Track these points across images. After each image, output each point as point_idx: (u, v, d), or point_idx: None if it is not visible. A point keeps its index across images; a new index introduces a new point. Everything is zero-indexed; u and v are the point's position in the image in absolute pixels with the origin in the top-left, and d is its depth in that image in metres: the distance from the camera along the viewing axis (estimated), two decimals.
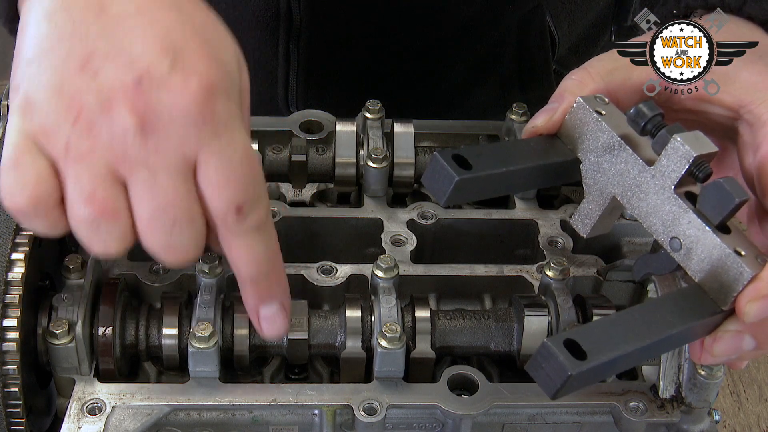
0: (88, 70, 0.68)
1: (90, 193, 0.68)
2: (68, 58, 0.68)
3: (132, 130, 0.67)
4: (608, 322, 0.72)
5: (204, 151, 0.69)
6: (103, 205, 0.69)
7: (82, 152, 0.68)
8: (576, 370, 0.65)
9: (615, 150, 0.78)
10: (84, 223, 0.69)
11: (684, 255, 0.76)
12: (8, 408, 0.80)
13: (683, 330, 0.72)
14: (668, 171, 0.75)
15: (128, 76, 0.68)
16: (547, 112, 0.83)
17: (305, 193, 1.08)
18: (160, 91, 0.68)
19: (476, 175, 0.75)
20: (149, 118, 0.68)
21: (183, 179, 0.69)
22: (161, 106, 0.68)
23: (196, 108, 0.68)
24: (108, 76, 0.68)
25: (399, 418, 0.84)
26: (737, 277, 0.72)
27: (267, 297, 0.77)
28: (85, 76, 0.68)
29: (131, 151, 0.68)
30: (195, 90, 0.68)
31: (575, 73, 0.85)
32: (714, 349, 0.75)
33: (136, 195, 0.69)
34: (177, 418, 0.83)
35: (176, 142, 0.68)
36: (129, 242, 0.71)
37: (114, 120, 0.67)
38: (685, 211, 0.75)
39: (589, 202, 0.81)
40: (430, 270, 0.94)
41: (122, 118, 0.67)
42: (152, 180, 0.69)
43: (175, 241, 0.71)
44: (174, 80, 0.68)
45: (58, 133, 0.68)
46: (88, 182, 0.68)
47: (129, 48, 0.68)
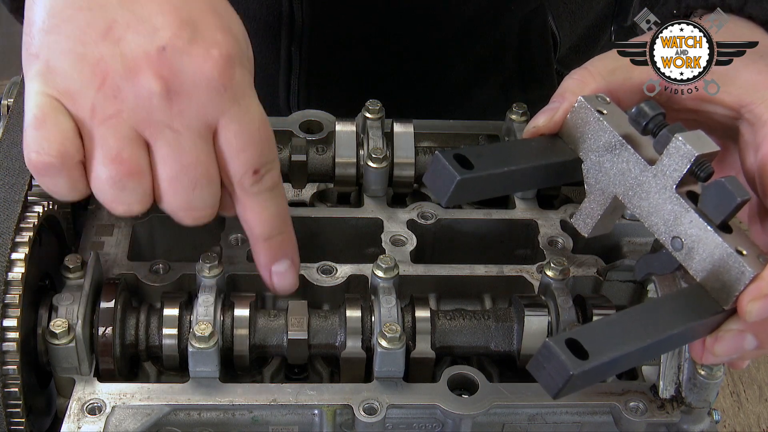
0: (110, 38, 0.71)
1: (117, 153, 0.71)
2: (89, 27, 0.71)
3: (157, 94, 0.71)
4: (610, 322, 0.72)
5: (225, 116, 0.73)
6: (130, 165, 0.72)
7: (109, 114, 0.71)
8: (578, 369, 0.65)
9: (616, 149, 0.78)
10: (109, 182, 0.72)
11: (685, 254, 0.76)
12: (8, 408, 0.80)
13: (685, 330, 0.72)
14: (670, 170, 0.75)
15: (151, 44, 0.71)
16: (548, 111, 0.83)
17: (305, 193, 1.07)
18: (183, 59, 0.71)
19: (478, 174, 0.75)
20: (173, 83, 0.71)
21: (204, 141, 0.73)
22: (185, 73, 0.71)
23: (218, 75, 0.72)
24: (131, 45, 0.71)
25: (399, 418, 0.84)
26: (739, 276, 0.72)
27: (279, 254, 0.83)
28: (108, 43, 0.71)
29: (156, 113, 0.71)
30: (216, 59, 0.72)
31: (576, 73, 0.85)
32: (715, 348, 0.75)
33: (160, 156, 0.73)
34: (177, 418, 0.83)
35: (199, 107, 0.72)
36: (148, 202, 0.74)
37: (140, 85, 0.71)
38: (687, 211, 0.75)
39: (591, 202, 0.81)
40: (430, 270, 0.94)
41: (148, 83, 0.71)
42: (176, 141, 0.72)
43: (195, 200, 0.75)
44: (196, 50, 0.72)
45: (83, 97, 0.71)
46: (115, 143, 0.71)
47: (149, 19, 0.71)
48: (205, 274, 0.87)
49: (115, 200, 0.74)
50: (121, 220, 0.96)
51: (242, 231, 0.95)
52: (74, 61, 0.71)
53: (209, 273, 0.87)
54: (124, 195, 0.73)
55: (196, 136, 0.73)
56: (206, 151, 0.74)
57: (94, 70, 0.71)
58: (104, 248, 0.93)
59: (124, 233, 0.95)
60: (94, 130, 0.71)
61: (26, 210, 0.83)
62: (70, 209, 0.95)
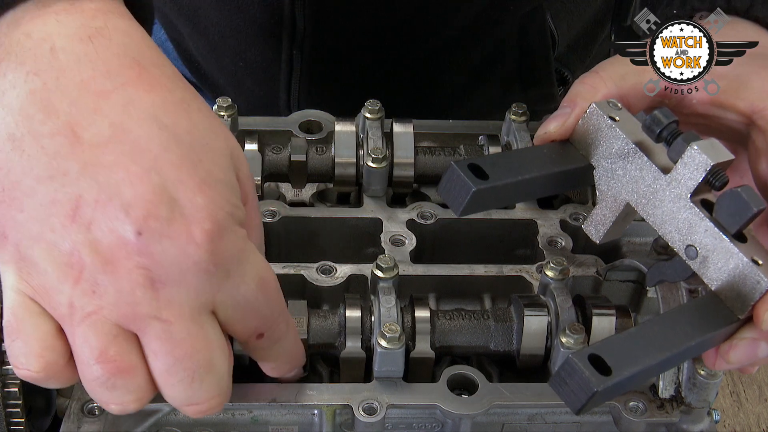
0: (79, 221, 0.63)
1: (101, 352, 0.65)
2: (55, 205, 0.63)
3: (140, 286, 0.64)
4: (629, 336, 0.71)
5: (219, 293, 0.67)
6: (117, 363, 0.65)
7: (88, 312, 0.64)
8: (602, 386, 0.65)
9: (629, 157, 0.78)
10: (97, 382, 0.66)
11: (700, 263, 0.75)
12: (8, 408, 0.80)
13: (702, 340, 0.72)
14: (684, 179, 0.75)
15: (126, 228, 0.63)
16: (559, 117, 0.82)
17: (305, 193, 1.07)
18: (164, 244, 0.64)
19: (493, 185, 0.75)
20: (158, 272, 0.64)
21: (199, 326, 0.67)
22: (168, 259, 0.64)
23: (207, 256, 0.65)
24: (103, 230, 0.63)
25: (399, 418, 0.84)
26: (755, 286, 0.72)
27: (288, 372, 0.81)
28: (78, 228, 0.63)
29: (141, 306, 0.64)
30: (201, 238, 0.65)
31: (587, 77, 0.84)
32: (730, 356, 0.75)
33: (150, 350, 0.66)
34: (177, 418, 0.83)
35: (190, 293, 0.65)
36: (148, 397, 0.68)
37: (119, 277, 0.64)
38: (702, 220, 0.75)
39: (603, 209, 0.81)
40: (430, 270, 0.94)
41: (128, 275, 0.64)
42: (166, 333, 0.65)
43: (196, 393, 0.68)
44: (175, 230, 0.64)
45: (59, 293, 0.64)
46: (98, 342, 0.65)
47: (117, 191, 0.63)
48: None
49: (108, 401, 0.68)
50: None
51: None
52: (46, 252, 0.64)
53: None
54: (116, 394, 0.67)
55: (189, 323, 0.66)
56: (202, 336, 0.67)
57: (69, 262, 0.63)
58: None
59: None
60: (74, 329, 0.65)
61: None
62: None
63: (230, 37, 1.26)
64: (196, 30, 1.30)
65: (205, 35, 1.29)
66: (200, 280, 0.65)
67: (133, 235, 0.63)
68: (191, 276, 0.65)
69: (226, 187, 0.68)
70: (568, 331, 0.84)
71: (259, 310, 0.71)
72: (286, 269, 0.93)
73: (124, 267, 0.63)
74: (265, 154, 1.02)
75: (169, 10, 1.33)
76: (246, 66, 1.29)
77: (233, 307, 0.69)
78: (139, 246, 0.63)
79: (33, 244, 0.64)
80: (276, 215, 0.97)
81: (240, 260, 0.68)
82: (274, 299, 0.72)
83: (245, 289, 0.68)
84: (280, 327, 0.74)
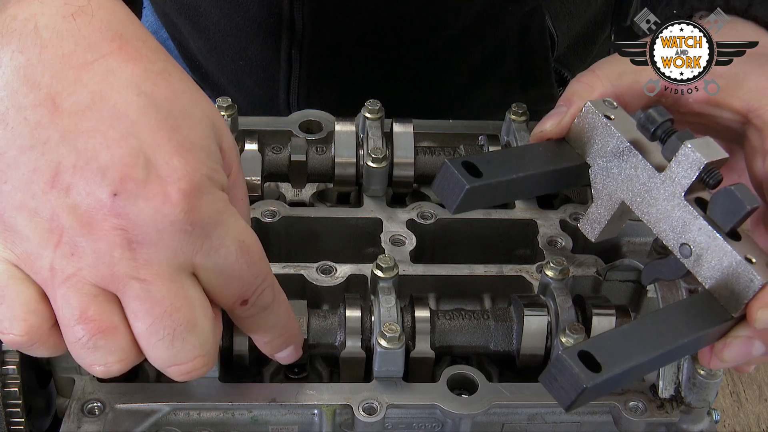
0: (58, 186, 0.64)
1: (81, 313, 0.66)
2: (36, 173, 0.65)
3: (118, 246, 0.65)
4: (621, 333, 0.71)
5: (198, 255, 0.67)
6: (98, 323, 0.66)
7: (68, 274, 0.65)
8: (591, 382, 0.65)
9: (624, 155, 0.78)
10: (80, 344, 0.67)
11: (694, 261, 0.76)
12: (8, 408, 0.80)
13: (695, 338, 0.72)
14: (679, 177, 0.75)
15: (102, 191, 0.64)
16: (555, 116, 0.83)
17: (305, 193, 1.08)
18: (140, 204, 0.64)
19: (487, 182, 0.75)
20: (134, 232, 0.65)
21: (179, 286, 0.67)
22: (145, 219, 0.64)
23: (182, 215, 0.65)
24: (81, 194, 0.64)
25: (398, 417, 0.84)
26: (748, 284, 0.72)
27: (282, 348, 0.80)
28: (57, 194, 0.64)
29: (119, 266, 0.65)
30: (177, 198, 0.65)
31: (583, 76, 0.84)
32: (724, 354, 0.75)
33: (130, 310, 0.67)
34: (177, 418, 0.83)
35: (167, 253, 0.66)
36: (131, 359, 0.68)
37: (97, 239, 0.64)
38: (696, 218, 0.75)
39: (598, 207, 0.81)
40: (430, 270, 0.94)
41: (105, 236, 0.64)
42: (146, 291, 0.66)
43: (179, 353, 0.68)
44: (151, 190, 0.65)
45: (41, 258, 0.65)
46: (78, 303, 0.66)
47: (95, 156, 0.64)
48: None
49: (91, 362, 0.67)
50: None
51: None
52: (27, 219, 0.65)
53: None
54: (98, 355, 0.67)
55: (168, 282, 0.66)
56: (182, 295, 0.67)
57: (50, 227, 0.65)
58: None
59: None
60: (56, 292, 0.66)
61: None
62: None
63: (230, 35, 1.26)
64: (196, 29, 1.30)
65: (205, 34, 1.29)
66: (177, 240, 0.66)
67: (109, 197, 0.64)
68: (168, 236, 0.65)
69: (204, 152, 0.68)
70: (568, 331, 0.84)
71: (241, 275, 0.70)
72: (286, 269, 0.93)
73: (101, 228, 0.64)
74: (265, 154, 1.02)
75: (169, 9, 1.33)
76: (246, 65, 1.29)
77: (213, 271, 0.68)
78: (115, 207, 0.64)
79: (16, 214, 0.65)
80: (276, 215, 0.97)
81: (219, 222, 0.68)
82: (257, 264, 0.71)
83: (225, 252, 0.68)
84: (266, 294, 0.73)
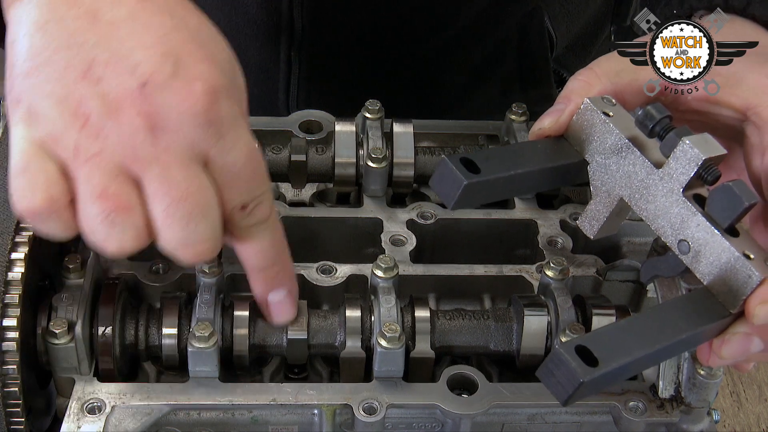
0: (90, 78, 0.69)
1: (102, 189, 0.69)
2: (69, 68, 0.69)
3: (141, 131, 0.69)
4: (618, 328, 0.72)
5: (211, 150, 0.71)
6: (116, 199, 0.69)
7: (92, 153, 0.69)
8: (588, 377, 0.65)
9: (623, 152, 0.78)
10: (98, 219, 0.70)
11: (692, 258, 0.76)
12: (8, 408, 0.80)
13: (693, 334, 0.72)
14: (677, 174, 0.75)
15: (132, 81, 0.69)
16: (554, 113, 0.83)
17: (305, 193, 1.08)
18: (165, 94, 0.69)
19: (485, 179, 0.75)
20: (157, 119, 0.69)
21: (195, 173, 0.71)
22: (168, 108, 0.69)
23: (202, 110, 0.70)
24: (111, 83, 0.69)
25: (398, 417, 0.84)
26: (746, 280, 0.72)
27: (274, 284, 0.81)
28: (88, 83, 0.69)
29: (141, 149, 0.69)
30: (199, 93, 0.70)
31: (582, 74, 0.84)
32: (722, 351, 0.75)
33: (150, 191, 0.70)
34: (177, 418, 0.83)
35: (186, 140, 0.70)
36: (144, 240, 0.72)
37: (122, 123, 0.69)
38: (694, 214, 0.75)
39: (597, 204, 0.81)
40: (430, 270, 0.94)
41: (130, 120, 0.69)
42: (165, 174, 0.70)
43: (191, 234, 0.72)
44: (178, 84, 0.69)
45: (66, 138, 0.69)
46: (100, 180, 0.69)
47: (128, 54, 0.69)
48: (204, 274, 0.87)
49: (106, 238, 0.71)
50: None
51: None
52: (55, 104, 0.69)
53: (209, 273, 0.87)
54: (114, 232, 0.70)
55: (186, 167, 0.71)
56: (198, 182, 0.71)
57: (76, 112, 0.69)
58: None
59: None
60: (78, 170, 0.69)
61: None
62: None
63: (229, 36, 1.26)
64: None
65: None
66: (196, 132, 0.70)
67: (137, 86, 0.69)
68: (188, 126, 0.70)
69: (226, 70, 0.74)
70: (568, 331, 0.84)
71: (245, 179, 0.74)
72: None
73: (127, 114, 0.69)
74: (265, 154, 1.02)
75: None
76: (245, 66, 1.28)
77: (222, 169, 0.72)
78: (142, 95, 0.69)
79: (45, 100, 0.69)
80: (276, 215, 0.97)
81: (234, 127, 0.72)
82: (261, 175, 0.75)
83: (236, 154, 0.72)
84: (264, 206, 0.76)
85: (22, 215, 0.71)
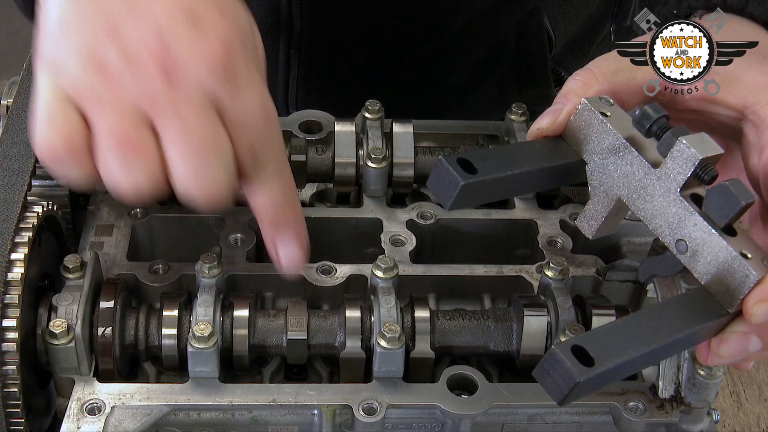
0: (112, 34, 0.73)
1: (119, 131, 0.73)
2: (88, 23, 0.74)
3: (159, 79, 0.73)
4: (615, 328, 0.71)
5: (225, 100, 0.75)
6: (133, 139, 0.73)
7: (111, 99, 0.73)
8: (583, 376, 0.65)
9: (620, 152, 0.78)
10: (116, 162, 0.73)
11: (690, 257, 0.76)
12: (8, 408, 0.80)
13: (690, 333, 0.72)
14: (674, 173, 0.75)
15: (151, 34, 0.73)
16: (551, 113, 0.83)
17: (305, 194, 1.07)
18: (182, 44, 0.73)
19: (482, 179, 0.75)
20: (174, 68, 0.73)
21: (210, 119, 0.74)
22: (184, 58, 0.73)
23: (218, 60, 0.74)
24: (132, 38, 0.73)
25: (398, 418, 0.84)
26: (743, 279, 0.72)
27: (282, 226, 0.82)
28: (111, 38, 0.73)
29: (158, 96, 0.73)
30: (215, 45, 0.74)
31: (579, 74, 0.84)
32: (721, 350, 0.75)
33: (165, 133, 0.74)
34: (176, 418, 0.83)
35: (201, 88, 0.74)
36: (159, 182, 0.74)
37: (140, 72, 0.73)
38: (691, 214, 0.75)
39: (595, 204, 0.81)
40: (430, 270, 0.94)
41: (148, 70, 0.73)
42: (180, 119, 0.73)
43: (207, 175, 0.75)
44: (196, 35, 0.74)
45: (87, 86, 0.73)
46: (117, 123, 0.73)
47: (148, 10, 0.74)
48: (204, 274, 0.87)
49: (124, 182, 0.74)
50: (121, 219, 0.96)
51: (242, 231, 0.96)
52: (77, 55, 0.74)
53: (209, 273, 0.87)
54: (132, 176, 0.74)
55: (201, 113, 0.74)
56: (213, 128, 0.75)
57: (99, 68, 0.73)
58: (104, 248, 0.93)
59: (123, 233, 0.95)
60: (97, 114, 0.73)
61: (26, 210, 0.83)
62: (69, 209, 0.95)
63: None
64: None
65: None
66: (211, 81, 0.74)
67: (155, 38, 0.73)
68: (204, 75, 0.74)
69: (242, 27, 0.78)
70: (568, 331, 0.84)
71: (258, 126, 0.77)
72: None
73: (146, 63, 0.73)
74: None
75: None
76: None
77: (235, 116, 0.75)
78: (160, 46, 0.73)
79: (66, 53, 0.74)
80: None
81: (249, 79, 0.76)
82: (273, 123, 0.79)
83: (250, 104, 0.76)
84: (274, 151, 0.79)
85: (42, 158, 0.75)
